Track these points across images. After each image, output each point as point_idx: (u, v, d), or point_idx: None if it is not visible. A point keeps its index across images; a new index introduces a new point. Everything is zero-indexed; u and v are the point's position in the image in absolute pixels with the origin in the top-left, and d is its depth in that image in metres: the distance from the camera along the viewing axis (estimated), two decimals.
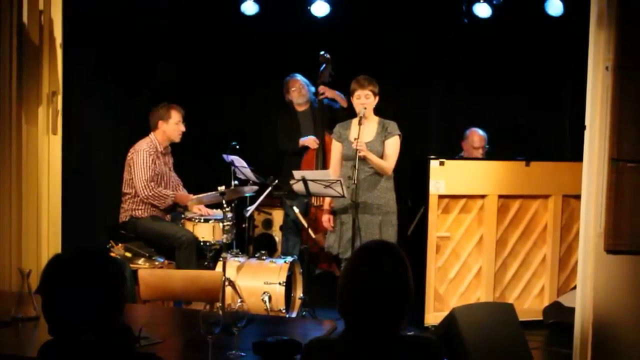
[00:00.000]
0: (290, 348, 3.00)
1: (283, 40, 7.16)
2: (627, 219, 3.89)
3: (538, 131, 7.36)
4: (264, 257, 5.62)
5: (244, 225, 6.14)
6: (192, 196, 5.87)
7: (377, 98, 5.26)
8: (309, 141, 6.49)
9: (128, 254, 5.61)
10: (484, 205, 5.80)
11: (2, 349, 3.16)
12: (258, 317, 3.87)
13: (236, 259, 5.58)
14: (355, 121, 5.27)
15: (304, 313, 5.51)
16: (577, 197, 4.40)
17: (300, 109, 6.66)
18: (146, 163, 5.74)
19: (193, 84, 7.31)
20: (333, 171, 5.39)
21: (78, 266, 2.25)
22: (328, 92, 6.44)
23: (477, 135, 6.58)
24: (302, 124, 6.62)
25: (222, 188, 5.41)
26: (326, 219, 5.46)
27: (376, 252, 2.39)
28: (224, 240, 5.52)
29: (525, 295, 5.95)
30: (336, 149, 5.45)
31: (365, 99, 5.22)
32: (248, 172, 6.08)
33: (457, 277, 5.85)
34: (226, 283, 5.27)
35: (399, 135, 5.29)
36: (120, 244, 5.69)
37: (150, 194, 5.74)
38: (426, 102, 7.65)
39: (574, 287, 5.09)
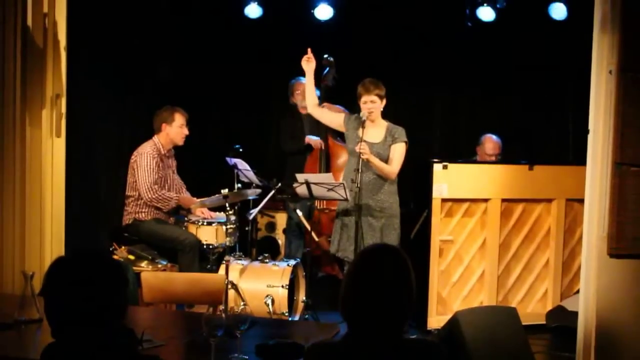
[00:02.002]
0: (293, 351, 3.01)
1: (286, 43, 7.16)
2: (630, 223, 3.89)
3: (541, 135, 7.36)
4: (267, 260, 5.62)
5: (247, 228, 6.14)
6: (195, 199, 5.87)
7: (384, 101, 5.25)
8: (315, 141, 6.48)
9: (131, 257, 5.61)
10: (487, 208, 5.80)
11: (5, 351, 3.17)
12: (261, 320, 3.88)
13: (239, 262, 5.58)
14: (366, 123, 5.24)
15: (307, 316, 5.51)
16: (581, 201, 4.40)
17: (304, 111, 6.65)
18: (150, 166, 5.75)
19: (196, 87, 7.32)
20: (312, 101, 5.50)
21: (81, 269, 2.25)
22: (331, 109, 6.43)
23: (490, 143, 6.55)
24: (306, 127, 6.62)
25: (225, 191, 5.41)
26: None
27: (378, 256, 2.39)
28: (227, 243, 5.53)
29: (529, 299, 5.94)
30: (336, 114, 5.58)
31: (371, 104, 5.21)
32: (251, 175, 6.08)
33: (460, 280, 5.84)
34: (229, 286, 5.27)
35: (406, 142, 5.27)
36: (123, 247, 5.69)
37: (153, 196, 5.75)
38: (429, 106, 7.66)
39: (577, 291, 5.09)
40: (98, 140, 6.61)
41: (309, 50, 5.41)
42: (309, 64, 5.42)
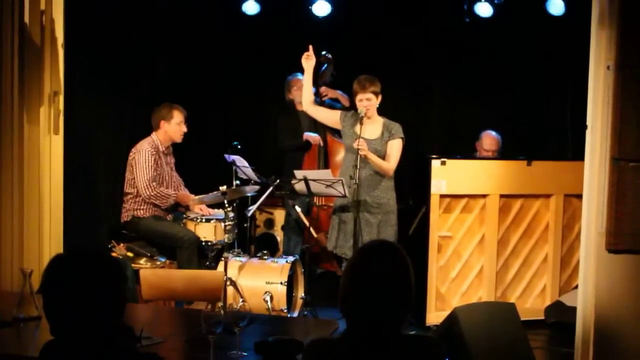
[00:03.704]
0: (292, 348, 3.00)
1: (284, 40, 7.16)
2: (628, 218, 3.89)
3: (539, 130, 7.36)
4: (266, 257, 5.62)
5: (245, 225, 6.13)
6: (193, 196, 5.87)
7: (379, 97, 5.24)
8: (313, 137, 6.47)
9: (130, 254, 5.61)
10: (485, 204, 5.80)
11: (4, 348, 3.17)
12: (259, 317, 3.89)
13: (238, 258, 5.58)
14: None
15: (306, 313, 5.51)
16: (579, 196, 4.41)
17: (301, 108, 6.65)
18: (148, 163, 5.75)
19: (195, 83, 7.31)
20: (308, 99, 5.49)
21: (79, 266, 2.25)
22: (330, 93, 6.44)
23: (488, 139, 6.55)
24: (304, 124, 6.60)
25: (223, 188, 5.41)
26: None
27: (377, 252, 2.39)
28: (226, 240, 5.52)
29: (527, 294, 5.95)
30: (332, 111, 5.61)
31: (367, 102, 5.20)
32: (249, 172, 6.08)
33: (459, 276, 5.85)
34: (228, 283, 5.27)
35: (402, 138, 5.27)
36: (122, 244, 5.69)
37: (152, 193, 5.75)
38: (427, 101, 7.66)
39: (576, 287, 5.09)
40: (96, 137, 6.60)
41: (310, 47, 5.40)
42: (308, 61, 5.41)
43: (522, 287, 5.94)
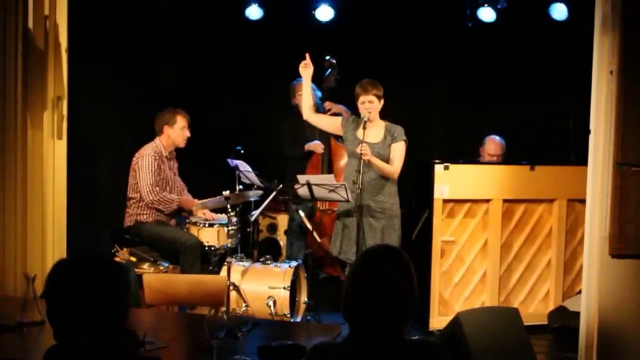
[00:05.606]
0: (295, 352, 3.01)
1: (287, 45, 7.17)
2: (632, 223, 3.89)
3: (543, 135, 7.36)
4: (269, 262, 5.62)
5: (248, 230, 6.14)
6: (196, 201, 5.87)
7: (382, 101, 5.25)
8: (315, 146, 6.48)
9: (133, 259, 5.61)
10: (488, 209, 5.80)
11: (7, 353, 3.17)
12: (263, 322, 3.87)
13: (241, 263, 5.58)
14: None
15: (309, 317, 5.51)
16: (582, 201, 4.41)
17: None
18: (151, 168, 5.75)
19: (198, 88, 7.32)
20: (308, 108, 5.49)
21: (82, 271, 2.25)
22: (334, 108, 6.43)
23: (493, 144, 6.55)
24: (308, 129, 6.60)
25: (226, 193, 5.41)
26: None
27: (380, 256, 2.40)
28: (229, 245, 5.53)
29: (530, 299, 5.94)
30: (333, 118, 5.64)
31: (369, 104, 5.21)
32: (252, 177, 6.08)
33: (462, 281, 5.84)
34: (231, 287, 5.27)
35: (405, 141, 5.28)
36: (125, 249, 5.69)
37: (155, 198, 5.75)
38: (430, 106, 7.66)
39: (579, 292, 5.08)
40: (99, 142, 6.61)
41: (307, 55, 5.40)
42: (306, 69, 5.42)
43: (526, 292, 5.94)
